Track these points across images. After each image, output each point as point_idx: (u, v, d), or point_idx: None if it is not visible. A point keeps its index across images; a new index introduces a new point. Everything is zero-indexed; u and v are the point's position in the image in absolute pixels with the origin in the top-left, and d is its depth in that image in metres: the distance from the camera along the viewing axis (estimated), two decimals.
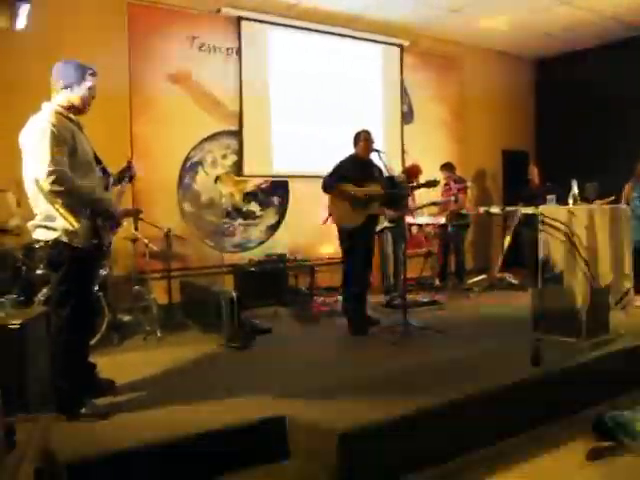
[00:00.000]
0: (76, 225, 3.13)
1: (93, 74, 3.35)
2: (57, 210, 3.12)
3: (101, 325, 4.74)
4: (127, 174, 3.74)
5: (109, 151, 3.83)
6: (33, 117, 3.24)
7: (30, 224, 3.29)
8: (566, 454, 3.32)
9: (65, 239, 3.15)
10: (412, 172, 7.35)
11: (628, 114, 8.81)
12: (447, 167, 8.05)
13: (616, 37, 8.84)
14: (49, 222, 3.16)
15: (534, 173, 8.26)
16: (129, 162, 3.81)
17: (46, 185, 3.04)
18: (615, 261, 4.46)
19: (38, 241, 3.29)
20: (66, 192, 3.08)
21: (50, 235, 3.18)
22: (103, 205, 3.29)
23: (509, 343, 4.64)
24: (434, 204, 7.55)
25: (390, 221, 6.77)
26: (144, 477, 2.86)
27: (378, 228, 6.49)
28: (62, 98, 3.27)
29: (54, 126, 3.10)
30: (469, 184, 8.07)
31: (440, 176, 7.90)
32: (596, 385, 4.03)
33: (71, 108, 3.29)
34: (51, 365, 3.36)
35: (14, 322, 3.23)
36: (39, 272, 4.65)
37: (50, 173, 3.02)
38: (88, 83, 3.32)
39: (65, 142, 3.13)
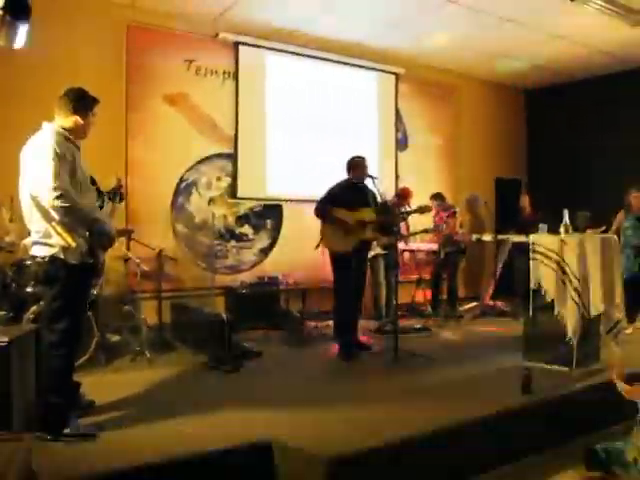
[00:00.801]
0: (73, 244, 3.19)
1: (97, 103, 3.50)
2: (54, 228, 3.18)
3: (89, 345, 4.68)
4: (117, 193, 3.81)
5: (104, 170, 3.86)
6: (35, 136, 3.33)
7: (27, 241, 3.35)
8: None
9: (62, 255, 3.21)
10: (403, 195, 7.40)
11: (617, 145, 8.92)
12: (437, 197, 8.08)
13: (606, 70, 9.00)
14: (46, 239, 3.22)
15: (526, 202, 8.33)
16: (119, 182, 3.87)
17: (50, 201, 3.09)
18: (606, 290, 4.47)
19: (35, 257, 3.31)
20: (69, 209, 3.13)
21: (47, 251, 3.23)
22: (101, 225, 3.32)
23: (500, 371, 4.63)
24: (426, 231, 7.58)
25: (383, 248, 6.79)
26: None
27: (371, 254, 6.50)
28: (69, 121, 3.36)
29: (58, 145, 3.20)
30: (457, 209, 8.11)
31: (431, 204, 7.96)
32: (587, 415, 4.01)
33: (73, 131, 3.38)
34: (41, 382, 3.36)
35: (1, 339, 3.19)
36: (29, 289, 4.62)
37: (55, 189, 3.08)
38: (94, 112, 3.47)
39: (66, 161, 3.21)
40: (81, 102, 3.40)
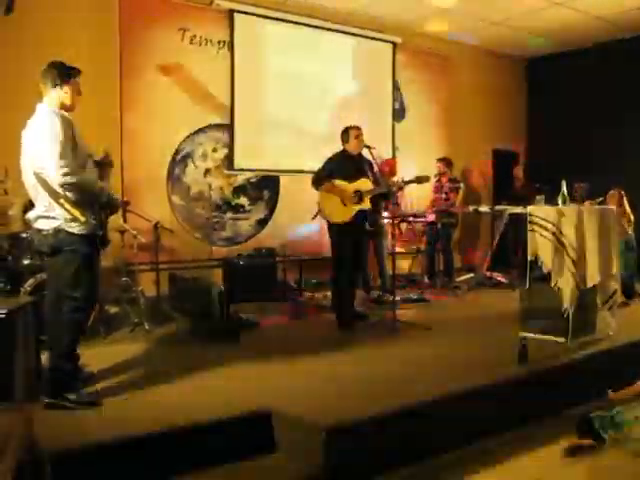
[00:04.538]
0: (82, 218, 3.28)
1: (78, 73, 3.50)
2: (62, 206, 3.26)
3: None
4: (106, 163, 3.77)
5: (99, 141, 3.82)
6: (31, 120, 3.37)
7: (30, 215, 3.41)
8: (550, 453, 3.34)
9: (65, 227, 3.29)
10: (384, 167, 7.26)
11: (618, 115, 8.86)
12: (444, 161, 7.99)
13: (606, 38, 8.91)
14: (50, 212, 3.30)
15: (519, 172, 8.29)
16: (106, 153, 3.82)
17: (58, 179, 3.18)
18: (603, 262, 4.47)
19: (40, 231, 3.37)
20: (76, 185, 3.23)
21: (51, 224, 3.31)
22: (107, 195, 3.45)
23: (496, 341, 4.66)
24: (436, 212, 7.56)
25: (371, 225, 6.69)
26: (128, 469, 2.84)
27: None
28: (54, 97, 3.39)
29: (56, 125, 3.25)
30: (462, 185, 8.06)
31: (435, 165, 7.91)
32: (581, 385, 4.05)
33: (62, 106, 3.41)
34: (49, 350, 3.43)
35: (0, 311, 3.20)
36: (26, 262, 4.62)
37: (62, 168, 3.17)
38: (74, 81, 3.46)
39: (68, 138, 3.26)
40: (61, 75, 3.40)
